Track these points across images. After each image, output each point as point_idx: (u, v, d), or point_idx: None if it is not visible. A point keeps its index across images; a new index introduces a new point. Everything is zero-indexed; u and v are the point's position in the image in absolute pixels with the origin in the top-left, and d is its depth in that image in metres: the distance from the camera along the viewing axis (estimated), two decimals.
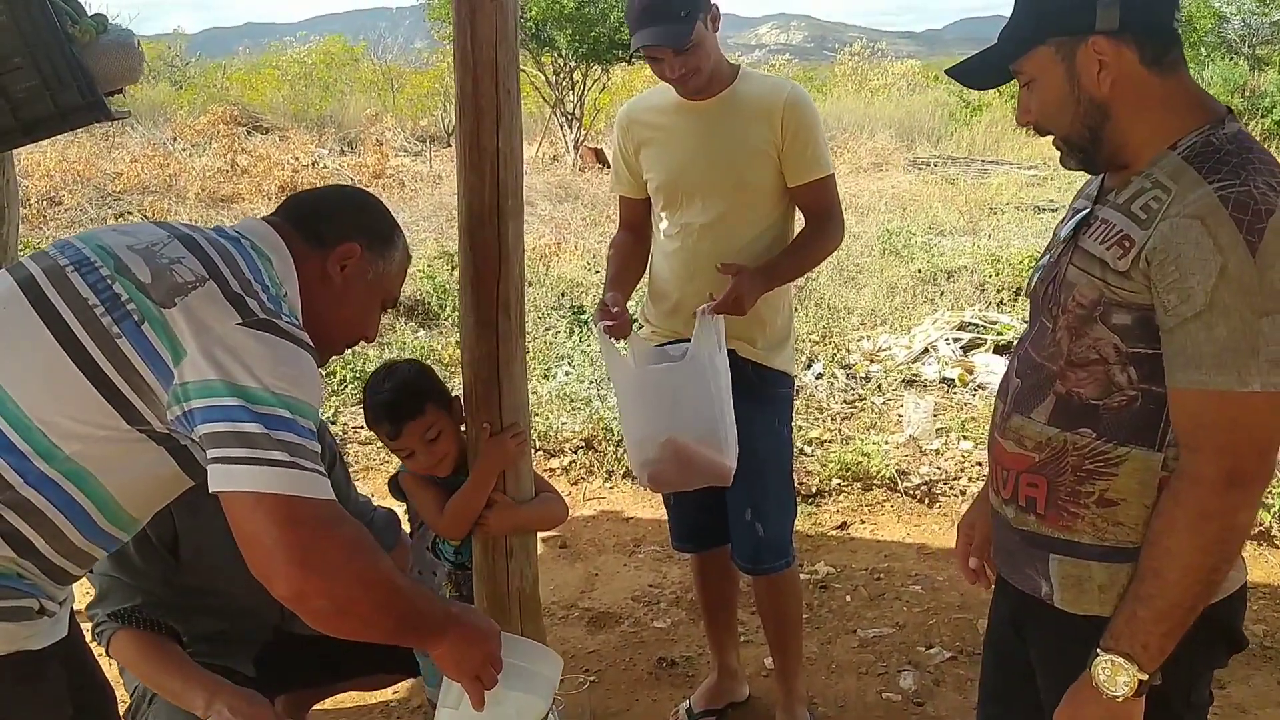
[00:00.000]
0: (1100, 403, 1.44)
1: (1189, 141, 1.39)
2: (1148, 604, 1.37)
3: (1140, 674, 1.38)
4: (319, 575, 1.35)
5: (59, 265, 1.45)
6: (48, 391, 1.38)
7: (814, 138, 2.53)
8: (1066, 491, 1.48)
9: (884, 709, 2.92)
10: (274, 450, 1.34)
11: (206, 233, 1.55)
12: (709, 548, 2.83)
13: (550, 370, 5.56)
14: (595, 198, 10.40)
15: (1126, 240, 1.39)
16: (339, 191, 1.83)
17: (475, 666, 1.60)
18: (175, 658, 2.11)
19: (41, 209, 9.26)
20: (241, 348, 1.37)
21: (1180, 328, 1.32)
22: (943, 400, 5.17)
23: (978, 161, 13.45)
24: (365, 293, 1.71)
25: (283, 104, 16.58)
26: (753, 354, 2.60)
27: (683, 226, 2.59)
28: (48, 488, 1.39)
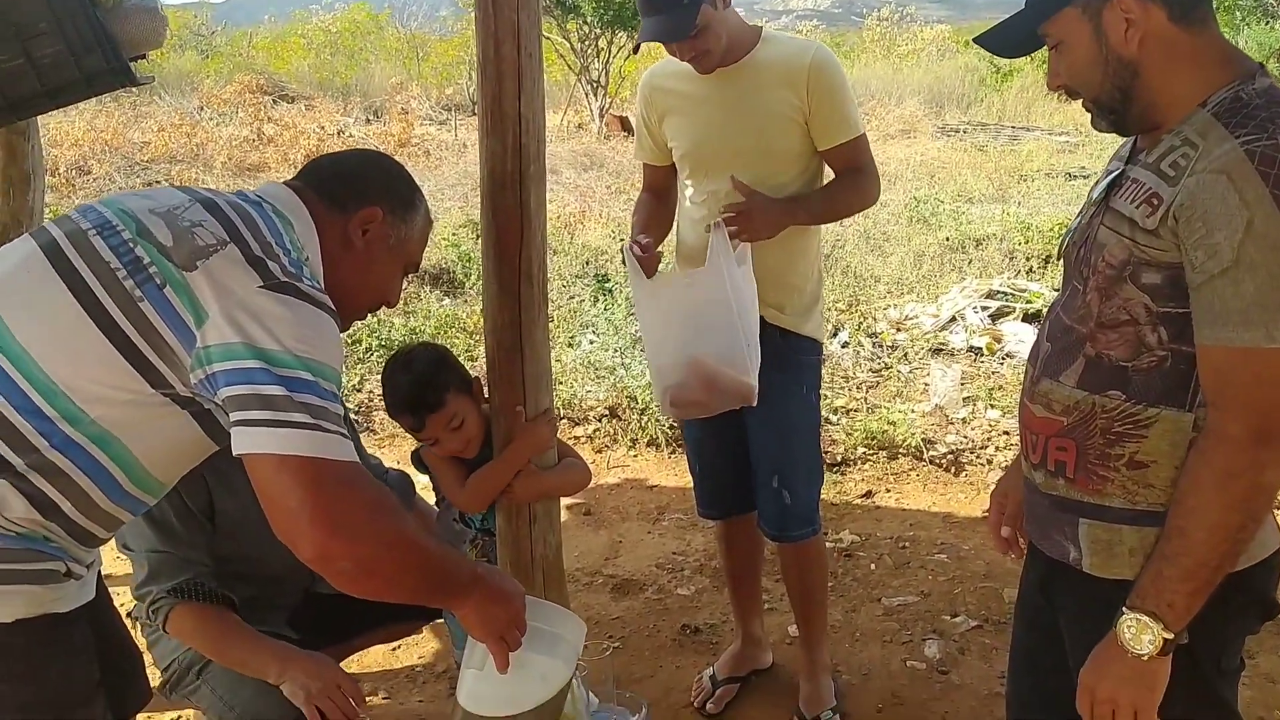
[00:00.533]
0: (1130, 364, 1.43)
1: (1219, 97, 1.37)
2: (1174, 562, 1.36)
3: (1165, 633, 1.37)
4: (343, 537, 1.35)
5: (81, 229, 1.46)
6: (71, 355, 1.39)
7: (841, 99, 2.48)
8: (1096, 455, 1.47)
9: (908, 677, 2.92)
10: (296, 412, 1.34)
11: (227, 196, 1.55)
12: (734, 515, 2.82)
13: (575, 339, 5.56)
14: (620, 166, 10.35)
15: (1155, 198, 1.38)
16: (360, 155, 1.82)
17: (500, 627, 1.61)
18: (238, 628, 2.13)
19: (70, 178, 9.32)
20: (263, 311, 1.37)
21: (1207, 284, 1.31)
22: (970, 369, 5.13)
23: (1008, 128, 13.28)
24: (387, 257, 1.71)
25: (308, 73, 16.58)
26: (781, 320, 2.57)
27: (709, 194, 2.56)
28: (73, 451, 1.40)
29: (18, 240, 1.54)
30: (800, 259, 2.58)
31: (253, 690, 2.12)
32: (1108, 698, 1.43)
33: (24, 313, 1.41)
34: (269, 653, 2.09)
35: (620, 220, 7.99)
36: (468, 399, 2.09)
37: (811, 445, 2.67)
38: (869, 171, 2.55)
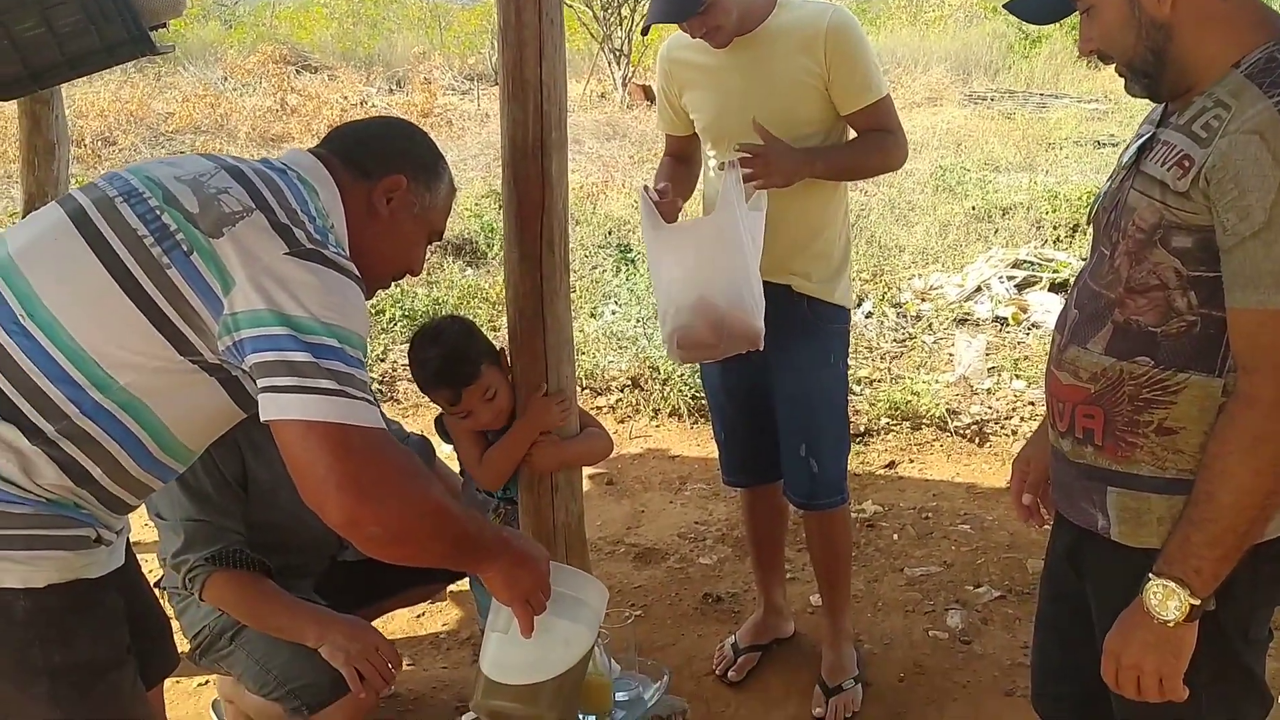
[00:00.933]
0: (1159, 330, 1.41)
1: (1253, 58, 1.34)
2: (1201, 528, 1.35)
3: (1192, 599, 1.36)
4: (371, 502, 1.36)
5: (108, 196, 1.46)
6: (100, 322, 1.40)
7: (861, 62, 2.43)
8: (1124, 421, 1.45)
9: (930, 647, 2.92)
10: (322, 379, 1.35)
11: (253, 164, 1.55)
12: (759, 483, 2.82)
13: (597, 309, 5.55)
14: (643, 135, 10.29)
15: (1186, 160, 1.36)
16: (384, 123, 1.82)
17: (525, 591, 1.62)
18: (276, 594, 2.16)
19: (96, 149, 9.37)
20: (289, 277, 1.38)
21: (1239, 247, 1.29)
22: (995, 339, 5.09)
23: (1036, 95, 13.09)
24: (411, 225, 1.71)
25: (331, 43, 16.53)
26: (808, 288, 2.55)
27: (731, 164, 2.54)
28: (103, 418, 1.42)
29: (45, 208, 1.54)
30: (827, 226, 2.56)
31: (289, 653, 2.15)
32: (1133, 664, 1.42)
33: (53, 280, 1.42)
34: (307, 617, 2.13)
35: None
36: (498, 370, 2.10)
37: (839, 414, 2.66)
38: (896, 133, 2.51)
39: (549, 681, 1.69)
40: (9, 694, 1.43)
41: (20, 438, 1.38)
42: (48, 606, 1.42)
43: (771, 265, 2.47)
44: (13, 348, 1.39)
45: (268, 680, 2.17)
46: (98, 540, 1.48)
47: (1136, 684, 1.43)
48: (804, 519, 2.80)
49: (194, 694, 2.71)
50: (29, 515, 1.39)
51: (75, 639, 1.45)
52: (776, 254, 2.48)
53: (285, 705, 2.17)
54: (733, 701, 2.73)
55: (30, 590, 1.40)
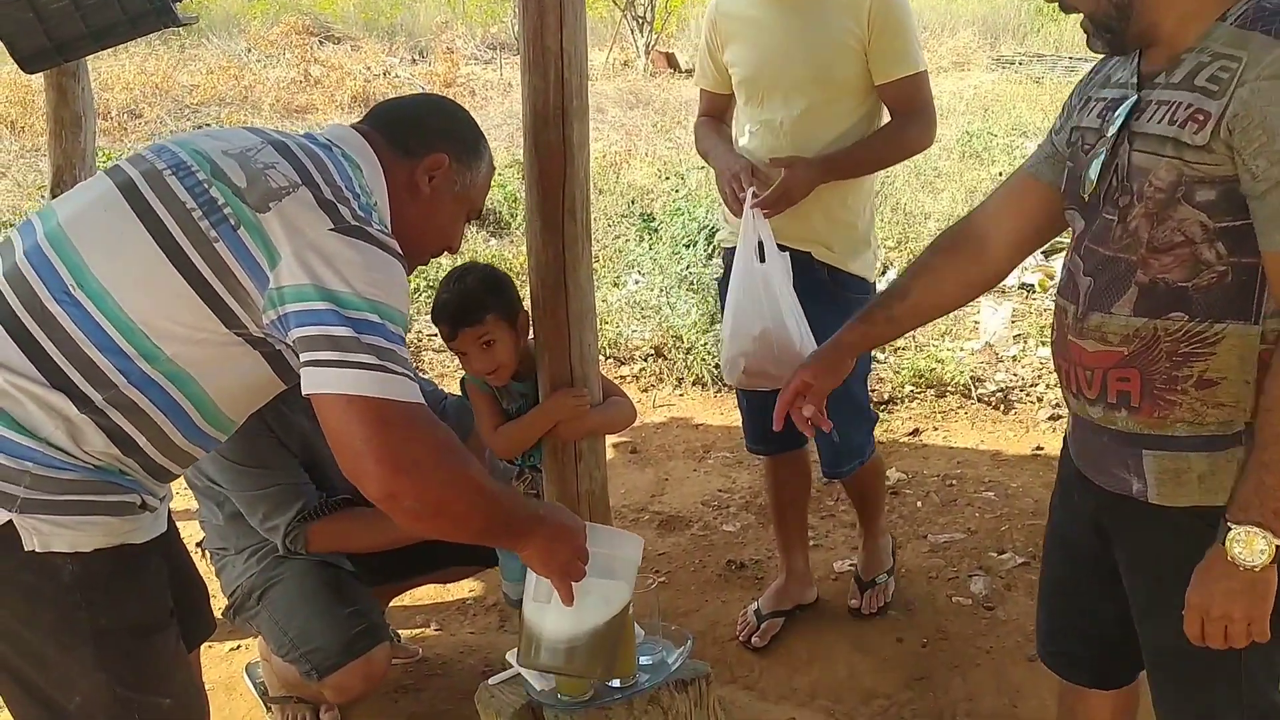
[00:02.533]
0: (1190, 284, 1.41)
1: (1239, 10, 1.34)
2: (1273, 470, 1.35)
3: (1277, 539, 1.35)
4: (409, 476, 1.38)
5: (156, 168, 1.48)
6: (148, 294, 1.43)
7: (903, 32, 2.46)
8: (1163, 379, 1.44)
9: (953, 612, 2.93)
10: (363, 354, 1.37)
11: (298, 139, 1.58)
12: (782, 450, 2.84)
13: (620, 278, 5.55)
14: (666, 104, 10.24)
15: (1200, 114, 1.35)
16: (427, 101, 1.86)
17: (563, 564, 1.64)
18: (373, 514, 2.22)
19: (122, 121, 9.43)
20: (333, 253, 1.40)
21: (1273, 190, 1.29)
22: (1021, 306, 5.05)
23: (1065, 59, 12.89)
24: (452, 203, 1.74)
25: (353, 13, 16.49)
26: (830, 258, 2.57)
27: (764, 124, 2.57)
28: (150, 388, 1.44)
29: (93, 179, 1.57)
30: (850, 195, 2.57)
31: (305, 615, 2.21)
32: (1221, 614, 1.41)
33: (102, 251, 1.44)
34: None
35: (666, 159, 7.92)
36: (506, 326, 2.13)
37: (859, 384, 2.71)
38: (923, 115, 2.53)
39: (591, 640, 1.71)
40: (54, 656, 1.46)
41: (70, 405, 1.41)
42: (94, 571, 1.45)
43: (794, 233, 2.50)
44: (63, 317, 1.42)
45: (284, 642, 2.24)
46: (142, 506, 1.51)
47: (1224, 633, 1.43)
48: None
49: (226, 658, 2.76)
50: (77, 481, 1.42)
51: (120, 603, 1.48)
52: (799, 223, 2.51)
53: (299, 669, 2.23)
54: (756, 666, 2.75)
55: (78, 554, 1.43)
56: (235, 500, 2.24)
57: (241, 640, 2.78)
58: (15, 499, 1.39)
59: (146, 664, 1.53)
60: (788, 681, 2.69)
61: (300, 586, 2.26)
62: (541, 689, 1.90)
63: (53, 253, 1.45)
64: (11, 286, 1.44)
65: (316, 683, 2.22)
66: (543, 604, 1.72)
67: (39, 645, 1.46)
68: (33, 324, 1.42)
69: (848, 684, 2.67)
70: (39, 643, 1.46)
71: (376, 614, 2.35)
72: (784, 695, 2.64)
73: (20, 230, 1.53)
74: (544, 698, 1.89)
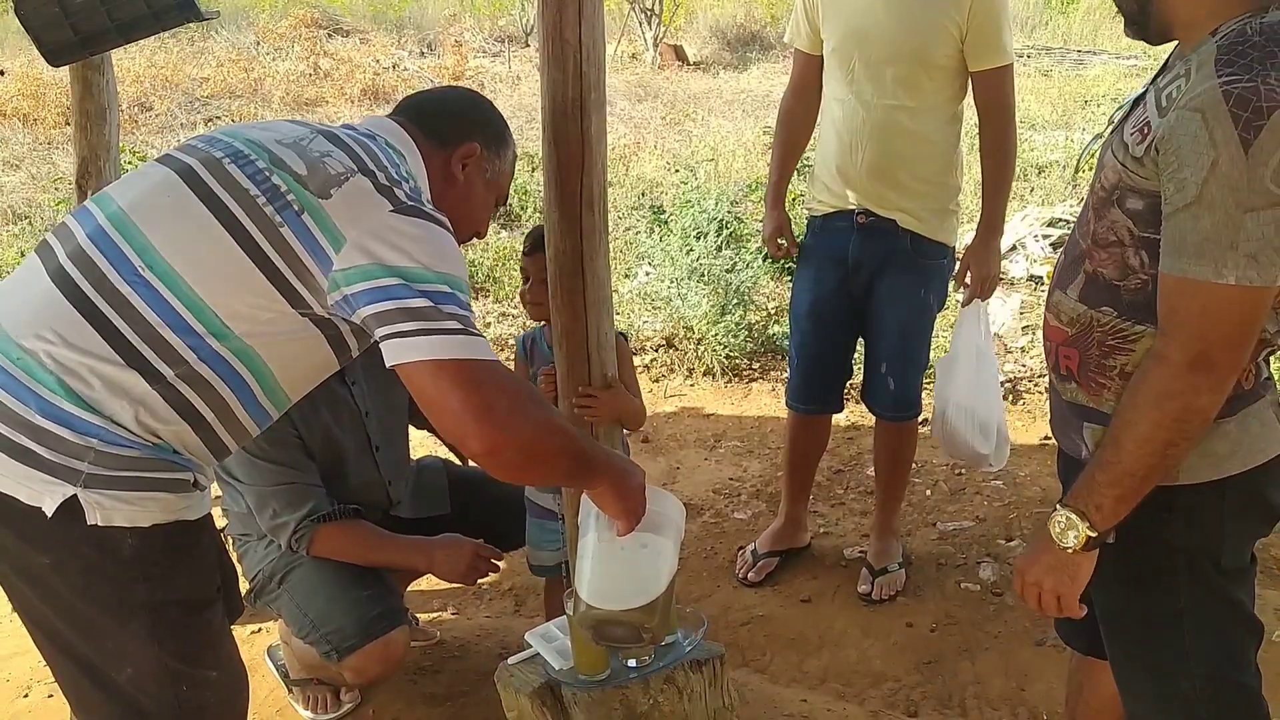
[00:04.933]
0: (1120, 284, 1.49)
1: (1228, 28, 1.38)
2: (1105, 469, 1.44)
3: (1090, 531, 1.46)
4: (507, 429, 1.44)
5: (214, 156, 1.54)
6: (219, 276, 1.48)
7: (1000, 22, 2.56)
8: (1094, 364, 1.54)
9: (962, 599, 2.97)
10: (445, 320, 1.43)
11: (342, 129, 1.64)
12: (819, 412, 3.05)
13: (631, 270, 5.59)
14: (675, 96, 10.26)
15: (1146, 127, 1.42)
16: (456, 93, 1.93)
17: (633, 504, 1.69)
18: (378, 533, 2.35)
19: (133, 114, 9.46)
20: (398, 233, 1.46)
21: (1173, 216, 1.36)
22: (1030, 298, 5.08)
23: (1074, 52, 12.88)
24: (484, 190, 1.82)
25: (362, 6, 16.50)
26: (912, 224, 2.73)
27: (853, 95, 2.66)
28: (219, 364, 1.50)
29: (146, 166, 1.62)
30: (935, 166, 2.72)
31: (324, 598, 2.26)
32: (1034, 581, 1.54)
33: (169, 234, 1.49)
34: (411, 548, 2.35)
35: (675, 151, 7.94)
36: None
37: (921, 342, 2.91)
38: (1009, 113, 2.67)
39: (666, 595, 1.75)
40: (110, 628, 1.51)
41: (140, 382, 1.46)
42: (152, 545, 1.50)
43: (881, 200, 2.69)
44: (134, 297, 1.46)
45: (304, 624, 2.29)
46: (194, 484, 1.56)
47: (1038, 600, 1.55)
48: (876, 427, 3.02)
49: (248, 640, 2.81)
50: (137, 458, 1.47)
51: (175, 577, 1.53)
52: (885, 190, 2.68)
53: (319, 650, 2.28)
54: (768, 650, 2.80)
55: (137, 529, 1.48)
56: (247, 495, 2.27)
57: (262, 624, 2.83)
58: (80, 474, 1.43)
59: (197, 638, 1.58)
60: (799, 665, 2.74)
61: (320, 570, 2.30)
62: (560, 668, 1.94)
63: (118, 236, 1.49)
64: (79, 268, 1.49)
65: (336, 664, 2.27)
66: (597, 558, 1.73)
67: (95, 618, 1.50)
68: (104, 304, 1.46)
69: (858, 668, 2.71)
70: (95, 615, 1.50)
71: (395, 598, 2.39)
72: (795, 679, 2.68)
73: (76, 216, 1.58)
74: (562, 676, 1.93)
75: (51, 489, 1.43)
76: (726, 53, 13.37)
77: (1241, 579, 1.59)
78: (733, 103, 9.98)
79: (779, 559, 3.13)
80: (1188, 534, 1.51)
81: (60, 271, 1.49)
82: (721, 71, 12.15)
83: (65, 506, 1.43)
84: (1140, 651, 1.63)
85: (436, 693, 2.59)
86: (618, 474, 1.66)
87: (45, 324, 1.47)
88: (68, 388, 1.45)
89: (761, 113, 9.10)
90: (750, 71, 11.99)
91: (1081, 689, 1.95)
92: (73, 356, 1.45)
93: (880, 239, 2.72)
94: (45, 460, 1.43)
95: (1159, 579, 1.55)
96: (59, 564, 1.48)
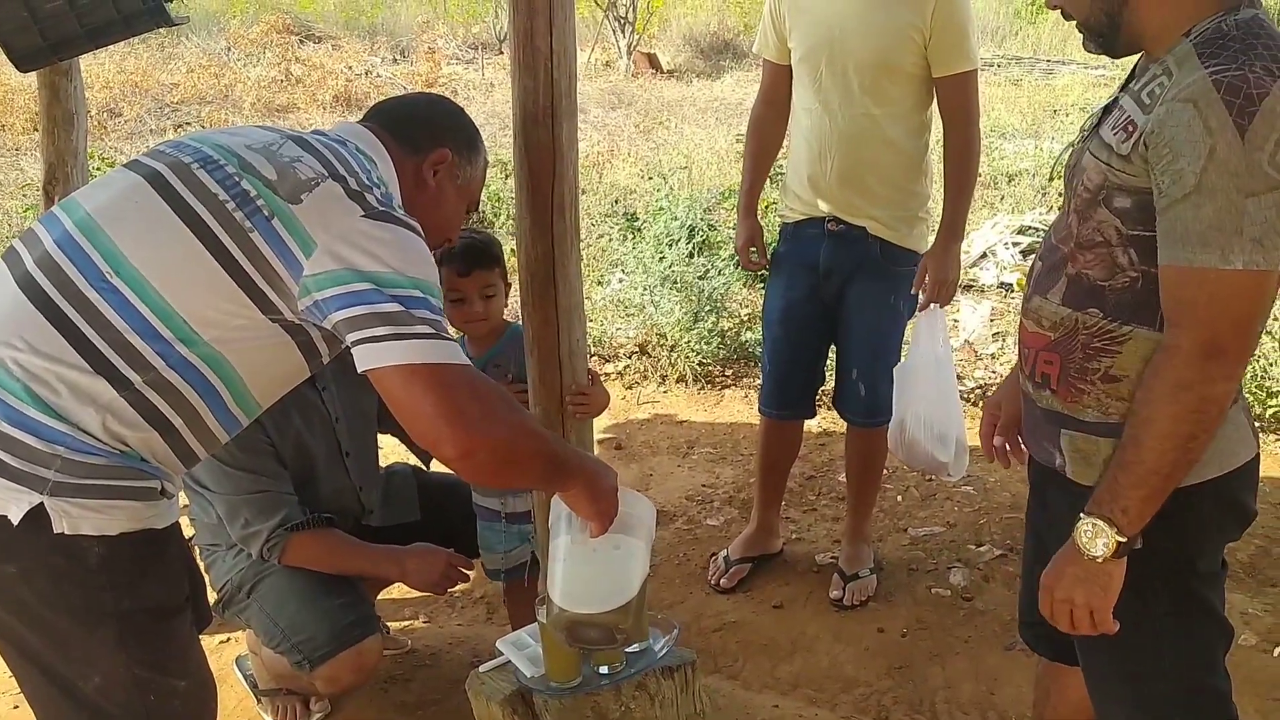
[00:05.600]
0: (1106, 284, 1.50)
1: (1202, 28, 1.40)
2: (1127, 470, 1.43)
3: (1119, 536, 1.44)
4: (480, 433, 1.44)
5: (183, 162, 1.53)
6: (188, 281, 1.47)
7: (964, 28, 2.59)
8: (1076, 368, 1.54)
9: (932, 604, 2.99)
10: (417, 325, 1.43)
11: (313, 135, 1.64)
12: (790, 418, 3.05)
13: (604, 277, 5.59)
14: (649, 104, 10.28)
15: (1130, 125, 1.43)
16: (427, 99, 1.93)
17: (606, 506, 1.69)
18: (350, 542, 2.34)
19: (102, 120, 9.37)
20: (369, 238, 1.46)
21: (1171, 208, 1.36)
22: (1000, 305, 5.13)
23: (1043, 61, 13.03)
24: (455, 196, 1.82)
25: (334, 12, 16.44)
26: (881, 232, 2.75)
27: (820, 104, 2.69)
28: (188, 370, 1.49)
29: (114, 171, 1.61)
30: (905, 175, 2.74)
31: (295, 607, 2.24)
32: (1065, 598, 1.51)
33: (137, 240, 1.48)
34: (383, 557, 2.34)
35: (649, 159, 7.96)
36: (504, 288, 2.33)
37: (891, 348, 2.90)
38: (973, 119, 2.69)
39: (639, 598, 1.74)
40: (78, 636, 1.50)
41: (108, 389, 1.45)
42: (120, 554, 1.48)
43: (850, 207, 2.71)
44: (102, 304, 1.45)
45: (275, 633, 2.27)
46: (162, 492, 1.54)
47: (1070, 617, 1.52)
48: (848, 433, 3.05)
49: (216, 650, 2.79)
50: (104, 466, 1.46)
51: (142, 585, 1.52)
52: (854, 197, 2.70)
53: (290, 659, 2.26)
54: (740, 657, 2.80)
55: (104, 538, 1.46)
56: (218, 503, 2.25)
57: (231, 633, 2.81)
58: (47, 482, 1.42)
59: (164, 646, 1.57)
60: (770, 671, 2.74)
61: (291, 579, 2.28)
62: (531, 675, 1.94)
63: (85, 241, 1.48)
64: (46, 275, 1.47)
65: (308, 673, 2.26)
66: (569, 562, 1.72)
67: (62, 626, 1.49)
68: (72, 311, 1.45)
69: (829, 673, 2.72)
70: (62, 624, 1.49)
71: (367, 606, 2.38)
72: (766, 684, 2.69)
73: (44, 222, 1.56)
74: (534, 683, 1.93)
75: (18, 497, 1.42)
76: (700, 61, 13.43)
77: (1215, 582, 1.61)
78: (706, 110, 10.02)
79: (751, 565, 3.14)
80: (1166, 539, 1.51)
81: (27, 278, 1.48)
82: (695, 79, 12.20)
83: (32, 515, 1.42)
84: (1115, 656, 1.63)
85: (408, 701, 2.58)
86: (591, 475, 1.66)
87: (12, 331, 1.45)
88: (35, 395, 1.43)
89: (734, 120, 9.14)
90: (724, 79, 12.04)
91: (1049, 694, 1.96)
92: (40, 363, 1.44)
93: (851, 246, 2.75)
94: (11, 468, 1.42)
95: (1136, 584, 1.54)
96: (25, 572, 1.46)
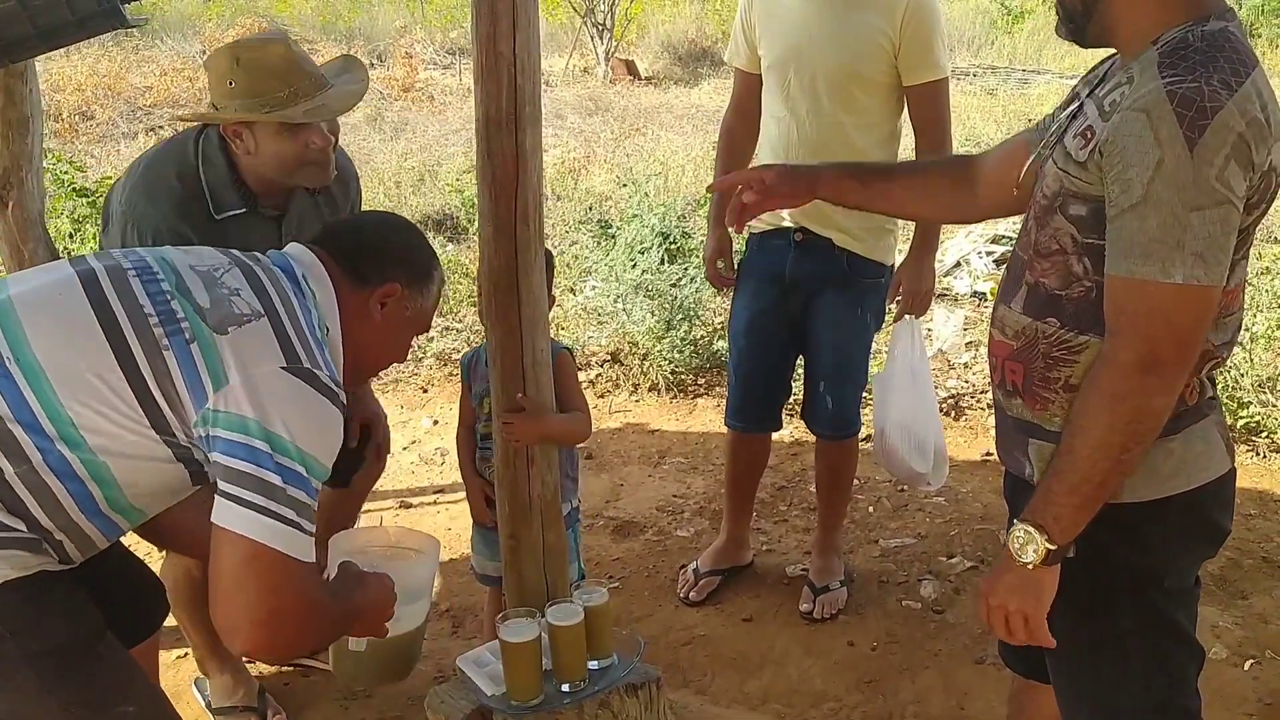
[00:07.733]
0: (1063, 293, 1.48)
1: (1169, 36, 1.39)
2: (1061, 478, 1.42)
3: (1049, 544, 1.43)
4: (278, 639, 1.46)
5: (121, 266, 1.51)
6: (86, 384, 1.43)
7: (933, 37, 2.57)
8: (1039, 377, 1.53)
9: (903, 616, 2.96)
10: (285, 507, 1.41)
11: (264, 263, 1.61)
12: (757, 430, 3.02)
13: (576, 284, 5.56)
14: (626, 110, 10.26)
15: (1089, 132, 1.42)
16: (381, 225, 1.88)
17: (381, 624, 1.73)
18: None
19: (74, 123, 9.28)
20: (279, 393, 1.43)
21: (1118, 218, 1.35)
22: (973, 314, 5.12)
23: (1019, 71, 13.09)
24: (402, 327, 1.80)
25: (311, 16, 16.38)
26: (848, 244, 2.72)
27: (789, 112, 2.66)
28: (62, 470, 1.44)
29: (55, 262, 1.62)
30: None
31: None
32: (999, 604, 1.50)
33: (47, 330, 1.45)
34: None
35: (625, 166, 7.93)
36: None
37: (858, 361, 2.89)
38: (945, 129, 2.69)
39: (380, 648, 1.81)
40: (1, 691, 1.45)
41: None
42: (9, 602, 1.44)
43: (817, 218, 2.67)
44: None
45: None
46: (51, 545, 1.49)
47: (1005, 624, 1.51)
48: (816, 445, 3.02)
49: (173, 666, 2.73)
50: None
51: (45, 626, 1.47)
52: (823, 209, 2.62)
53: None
54: (708, 671, 2.77)
55: None
56: None
57: (186, 649, 2.75)
58: None
59: (93, 680, 1.51)
60: (739, 686, 2.71)
61: None
62: (492, 693, 1.90)
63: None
64: None
65: None
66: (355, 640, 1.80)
67: None
68: None
69: (799, 687, 2.69)
70: None
71: None
72: (736, 699, 2.66)
73: None
74: (494, 702, 1.90)
75: None
76: (678, 68, 13.41)
77: (1185, 601, 1.58)
78: (683, 117, 10.00)
79: (721, 577, 3.10)
80: (1131, 554, 1.50)
81: None
82: (672, 86, 12.18)
83: None
84: (1083, 675, 1.61)
85: (368, 718, 2.53)
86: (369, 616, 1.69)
87: None
88: None
89: (711, 128, 9.12)
90: (701, 87, 12.03)
91: (1023, 710, 1.94)
92: None
93: (817, 257, 2.72)
94: None
95: (1103, 601, 1.53)
96: None
